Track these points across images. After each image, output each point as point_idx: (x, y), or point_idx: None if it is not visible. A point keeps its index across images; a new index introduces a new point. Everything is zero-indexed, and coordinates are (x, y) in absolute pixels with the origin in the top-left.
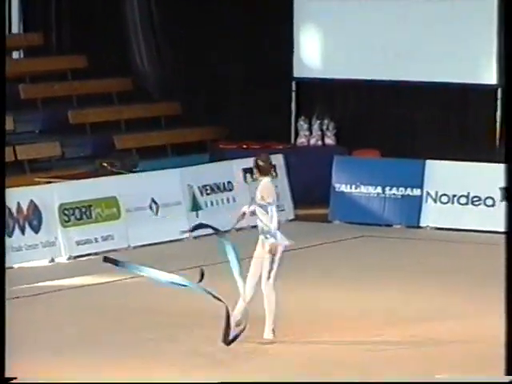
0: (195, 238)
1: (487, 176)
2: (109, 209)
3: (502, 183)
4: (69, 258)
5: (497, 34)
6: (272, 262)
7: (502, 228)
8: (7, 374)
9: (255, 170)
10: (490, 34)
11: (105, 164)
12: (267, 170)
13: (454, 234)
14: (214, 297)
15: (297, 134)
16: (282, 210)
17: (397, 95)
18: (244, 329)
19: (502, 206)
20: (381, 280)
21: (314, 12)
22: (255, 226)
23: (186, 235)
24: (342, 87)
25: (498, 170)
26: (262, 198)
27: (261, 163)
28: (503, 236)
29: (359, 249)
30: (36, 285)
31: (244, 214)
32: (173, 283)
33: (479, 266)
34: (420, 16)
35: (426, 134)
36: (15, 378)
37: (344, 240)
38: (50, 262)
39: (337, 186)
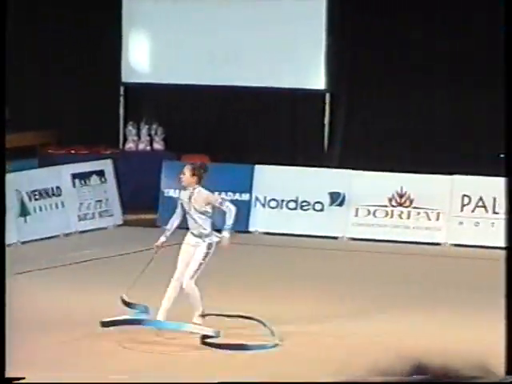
0: (23, 243)
1: (316, 181)
2: None
3: (331, 188)
4: None
5: (325, 40)
6: (201, 263)
7: (330, 232)
8: None
9: (193, 177)
10: (319, 39)
11: None
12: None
13: (283, 239)
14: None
15: (125, 139)
16: (111, 216)
17: (225, 100)
18: None
19: (330, 211)
20: (211, 284)
21: (143, 16)
22: None
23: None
24: (171, 92)
25: (326, 175)
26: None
27: (198, 171)
28: (331, 240)
29: None
30: None
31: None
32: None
33: (309, 270)
34: (249, 20)
35: (254, 139)
36: (15, 379)
37: (173, 245)
38: None
39: (165, 191)
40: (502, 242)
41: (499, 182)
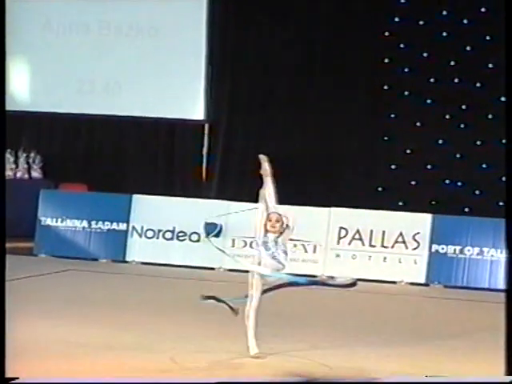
0: None
1: (192, 211)
2: None
3: (208, 219)
4: None
5: (205, 70)
6: None
7: (207, 263)
8: None
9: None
10: (198, 70)
11: None
12: None
13: (160, 269)
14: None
15: None
16: None
17: (105, 129)
18: None
19: (207, 242)
20: (90, 313)
21: (23, 45)
22: None
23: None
24: (49, 120)
25: (203, 206)
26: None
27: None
28: (208, 271)
29: (65, 282)
30: None
31: None
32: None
33: (184, 300)
34: (128, 49)
35: (133, 169)
36: (16, 378)
37: (50, 274)
38: None
39: (43, 219)
40: (377, 275)
41: (376, 215)
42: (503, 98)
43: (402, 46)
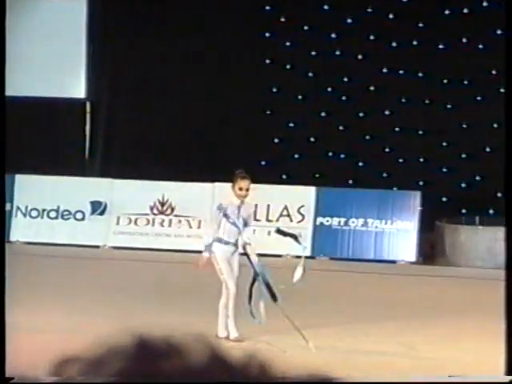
0: None
1: (77, 190)
2: None
3: (92, 197)
4: None
5: (86, 48)
6: None
7: (92, 241)
8: None
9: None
10: (79, 47)
11: None
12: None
13: (45, 248)
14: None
15: None
16: None
17: None
18: None
19: (92, 220)
20: None
21: None
22: None
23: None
24: None
25: (87, 184)
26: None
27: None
28: (93, 249)
29: None
30: None
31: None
32: None
33: (69, 279)
34: (9, 27)
35: (15, 149)
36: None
37: None
38: None
39: None
40: (263, 249)
41: (260, 189)
42: (385, 70)
43: (282, 19)
